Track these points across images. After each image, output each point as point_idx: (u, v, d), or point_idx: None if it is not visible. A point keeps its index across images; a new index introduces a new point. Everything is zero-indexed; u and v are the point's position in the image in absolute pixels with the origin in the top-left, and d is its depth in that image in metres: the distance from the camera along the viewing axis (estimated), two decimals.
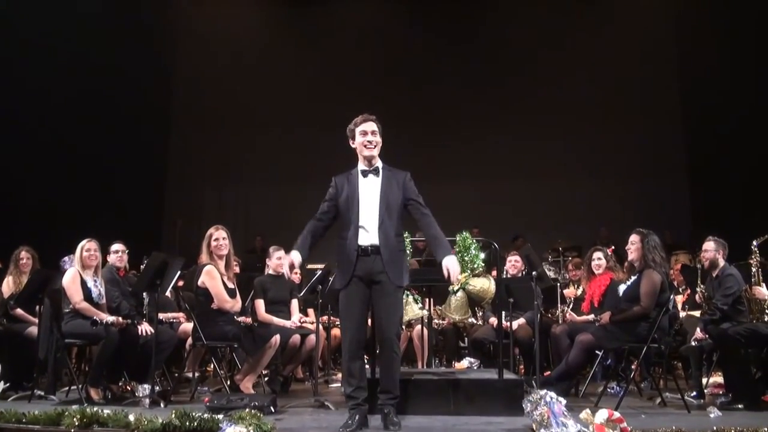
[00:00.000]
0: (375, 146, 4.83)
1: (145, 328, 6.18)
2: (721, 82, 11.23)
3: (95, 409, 4.39)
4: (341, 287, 4.74)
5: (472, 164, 12.57)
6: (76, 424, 4.24)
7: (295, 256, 4.73)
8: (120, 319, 6.08)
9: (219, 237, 6.15)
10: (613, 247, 7.54)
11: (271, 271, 7.09)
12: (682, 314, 7.37)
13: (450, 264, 4.60)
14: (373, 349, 5.29)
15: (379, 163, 4.88)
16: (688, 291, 7.67)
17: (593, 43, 12.65)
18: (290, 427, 4.45)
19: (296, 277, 7.16)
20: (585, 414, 4.03)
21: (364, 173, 4.84)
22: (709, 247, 6.24)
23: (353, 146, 4.90)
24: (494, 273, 6.65)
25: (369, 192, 4.79)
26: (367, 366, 5.31)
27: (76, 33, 10.80)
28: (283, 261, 4.79)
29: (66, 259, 7.18)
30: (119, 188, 11.34)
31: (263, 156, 13.09)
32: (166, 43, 13.01)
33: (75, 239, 6.35)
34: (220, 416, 4.24)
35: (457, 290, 5.83)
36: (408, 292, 5.84)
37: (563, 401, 4.21)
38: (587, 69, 12.59)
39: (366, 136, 4.82)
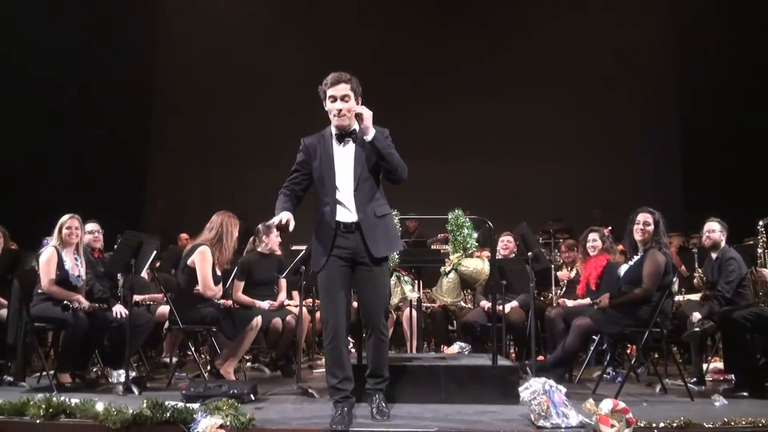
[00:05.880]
0: (345, 115, 4.09)
1: (119, 310, 5.91)
2: (717, 62, 10.98)
3: (62, 398, 4.09)
4: (318, 269, 4.22)
5: (462, 143, 12.22)
6: (42, 414, 3.96)
7: (284, 215, 4.03)
8: (89, 305, 5.74)
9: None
10: (610, 228, 7.25)
11: (264, 250, 6.75)
12: (679, 298, 7.14)
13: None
14: (360, 332, 4.98)
15: (356, 126, 4.17)
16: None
17: (585, 21, 12.31)
18: (270, 418, 4.11)
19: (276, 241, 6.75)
20: (588, 404, 3.75)
21: (339, 138, 4.19)
22: (715, 228, 6.13)
23: (326, 108, 4.20)
24: (487, 253, 6.38)
25: (345, 160, 4.17)
26: (353, 350, 5.01)
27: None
28: (274, 222, 4.07)
29: (48, 239, 6.71)
30: (101, 169, 10.98)
31: (247, 139, 12.67)
32: (148, 24, 12.56)
33: (55, 219, 6.02)
34: (196, 405, 3.98)
35: (449, 271, 5.55)
36: (398, 274, 5.55)
37: (563, 390, 3.96)
38: (577, 50, 12.24)
39: (335, 103, 4.07)
